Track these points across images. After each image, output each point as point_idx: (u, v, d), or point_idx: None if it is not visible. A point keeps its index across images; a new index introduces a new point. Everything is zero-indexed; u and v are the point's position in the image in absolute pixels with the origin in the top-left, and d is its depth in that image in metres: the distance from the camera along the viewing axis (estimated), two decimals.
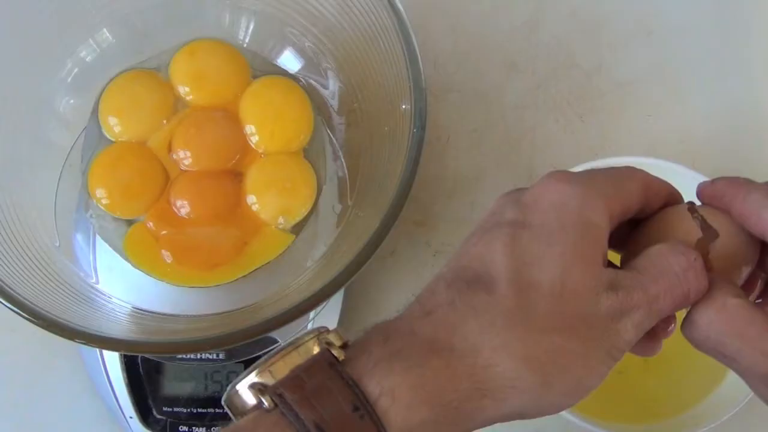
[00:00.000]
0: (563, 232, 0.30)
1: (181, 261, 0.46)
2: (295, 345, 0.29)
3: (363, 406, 0.27)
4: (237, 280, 0.46)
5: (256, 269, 0.47)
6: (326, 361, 0.28)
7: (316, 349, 0.29)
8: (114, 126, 0.48)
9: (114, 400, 0.48)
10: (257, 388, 0.28)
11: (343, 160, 0.50)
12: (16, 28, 0.47)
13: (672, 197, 0.35)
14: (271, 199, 0.47)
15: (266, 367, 0.29)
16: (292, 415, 0.27)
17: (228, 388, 0.29)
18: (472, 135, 0.55)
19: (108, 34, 0.50)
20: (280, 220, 0.47)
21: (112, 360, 0.48)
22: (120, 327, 0.45)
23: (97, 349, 0.48)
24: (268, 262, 0.47)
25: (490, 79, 0.56)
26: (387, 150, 0.46)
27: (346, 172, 0.49)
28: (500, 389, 0.28)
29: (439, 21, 0.56)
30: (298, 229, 0.48)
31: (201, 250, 0.47)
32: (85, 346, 0.48)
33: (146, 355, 0.48)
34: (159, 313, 0.46)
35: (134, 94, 0.49)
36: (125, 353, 0.47)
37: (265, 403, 0.28)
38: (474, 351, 0.28)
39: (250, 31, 0.51)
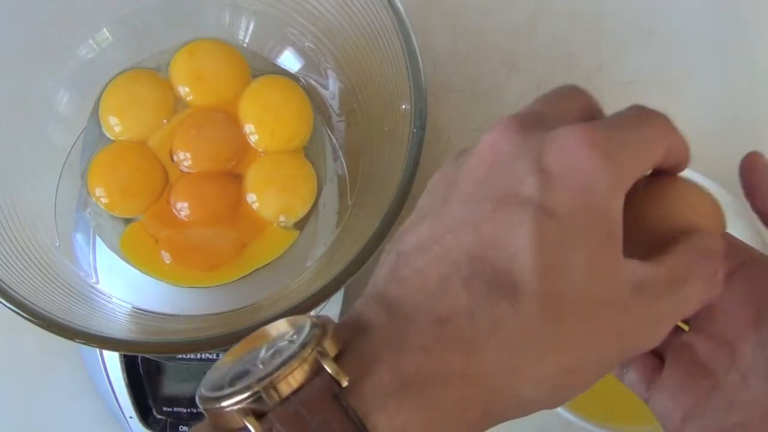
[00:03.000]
0: (590, 231, 0.26)
1: (180, 262, 0.46)
2: (291, 363, 0.25)
3: None
4: (237, 280, 0.46)
5: (256, 269, 0.47)
6: (329, 392, 0.24)
7: (315, 368, 0.25)
8: (114, 126, 0.48)
9: (114, 400, 0.48)
10: (249, 414, 0.24)
11: (343, 159, 0.50)
12: (15, 27, 0.47)
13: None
14: (272, 197, 0.47)
15: (258, 388, 0.24)
16: None
17: (207, 392, 0.26)
18: (472, 135, 0.55)
19: (108, 34, 0.50)
20: (281, 218, 0.47)
21: (112, 360, 0.48)
22: (120, 327, 0.45)
23: (97, 349, 0.48)
24: (269, 263, 0.47)
25: (490, 79, 0.56)
26: (387, 150, 0.46)
27: (346, 171, 0.49)
28: (506, 411, 0.27)
29: (439, 21, 0.56)
30: (298, 227, 0.48)
31: (200, 251, 0.47)
32: (85, 346, 0.48)
33: (146, 355, 0.48)
34: (159, 313, 0.46)
35: (134, 94, 0.49)
36: (125, 353, 0.47)
37: None
38: (487, 377, 0.26)
39: (250, 31, 0.51)
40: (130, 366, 0.48)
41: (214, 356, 0.47)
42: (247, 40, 0.51)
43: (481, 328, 0.26)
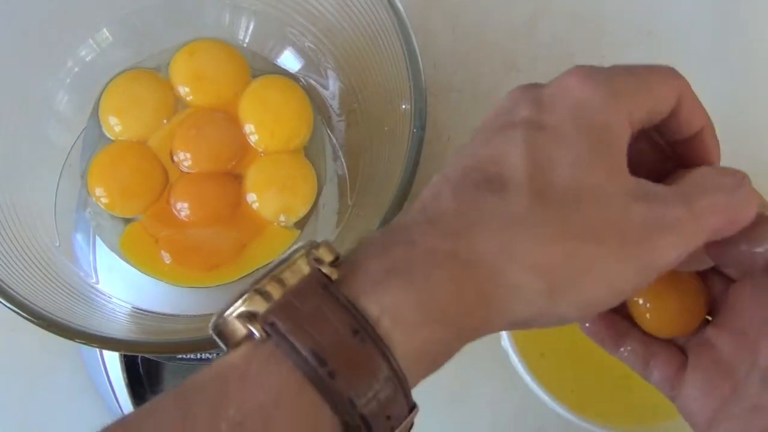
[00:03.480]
0: (579, 135, 0.27)
1: (180, 262, 0.46)
2: (283, 266, 0.26)
3: (363, 328, 0.24)
4: (237, 280, 0.46)
5: (256, 269, 0.47)
6: (318, 283, 0.25)
7: (306, 269, 0.26)
8: (114, 125, 0.48)
9: (114, 400, 0.48)
10: (247, 317, 0.25)
11: (343, 159, 0.50)
12: (16, 27, 0.47)
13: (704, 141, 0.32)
14: (272, 197, 0.47)
15: (255, 293, 0.25)
16: (287, 346, 0.24)
17: (214, 317, 0.26)
18: (471, 135, 0.55)
19: (108, 34, 0.50)
20: (281, 218, 0.47)
21: (112, 360, 0.48)
22: (120, 327, 0.45)
23: (97, 349, 0.48)
24: (269, 262, 0.47)
25: (490, 79, 0.56)
26: (387, 150, 0.46)
27: (346, 171, 0.49)
28: (505, 298, 0.26)
29: (439, 21, 0.56)
30: (298, 227, 0.48)
31: (200, 251, 0.47)
32: (85, 346, 0.48)
33: (146, 355, 0.48)
34: (159, 313, 0.46)
35: (134, 94, 0.49)
36: (125, 353, 0.47)
37: (257, 334, 0.25)
38: (478, 258, 0.26)
39: (250, 31, 0.51)
40: (130, 366, 0.48)
41: (214, 356, 0.47)
42: (247, 40, 0.51)
43: (469, 220, 0.27)
